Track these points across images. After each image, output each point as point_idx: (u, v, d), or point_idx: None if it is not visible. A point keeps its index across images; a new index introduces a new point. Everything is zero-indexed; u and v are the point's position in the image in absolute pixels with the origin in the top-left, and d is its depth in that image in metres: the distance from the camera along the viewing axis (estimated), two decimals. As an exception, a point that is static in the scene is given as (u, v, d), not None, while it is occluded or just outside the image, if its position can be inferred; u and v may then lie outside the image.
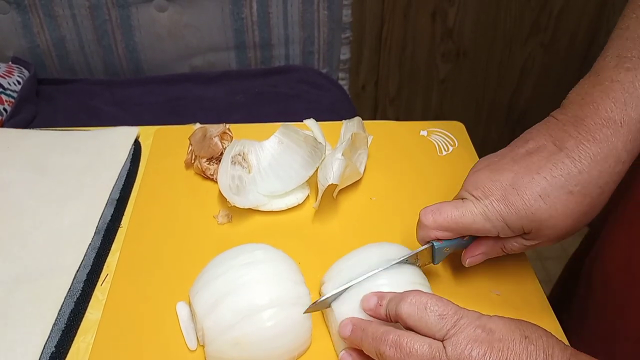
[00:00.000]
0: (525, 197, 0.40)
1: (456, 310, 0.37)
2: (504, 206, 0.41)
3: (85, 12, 0.97)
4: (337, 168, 0.54)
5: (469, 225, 0.42)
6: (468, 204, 0.42)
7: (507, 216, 0.41)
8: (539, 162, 0.41)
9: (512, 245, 0.43)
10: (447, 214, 0.43)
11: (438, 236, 0.44)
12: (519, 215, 0.40)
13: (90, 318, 0.48)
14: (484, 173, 0.43)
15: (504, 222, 0.41)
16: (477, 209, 0.42)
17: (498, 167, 0.42)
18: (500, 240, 0.44)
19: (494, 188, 0.41)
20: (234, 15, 1.01)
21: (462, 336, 0.35)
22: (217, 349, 0.42)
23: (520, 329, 0.36)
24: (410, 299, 0.38)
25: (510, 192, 0.40)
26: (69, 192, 0.60)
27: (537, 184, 0.40)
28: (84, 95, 0.98)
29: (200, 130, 0.62)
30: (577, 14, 1.29)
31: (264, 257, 0.45)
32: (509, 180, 0.41)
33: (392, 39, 1.29)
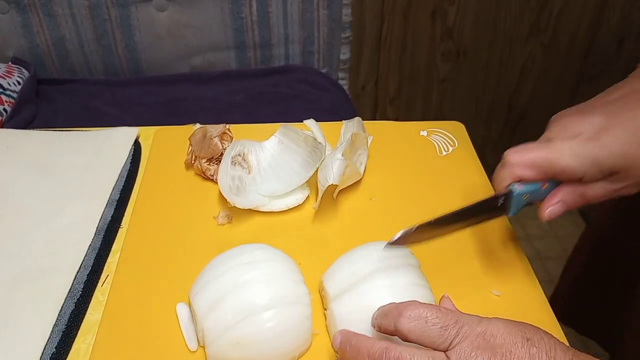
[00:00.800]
0: (617, 135, 0.40)
1: (457, 319, 0.37)
2: (595, 144, 0.40)
3: (84, 12, 0.97)
4: (337, 168, 0.54)
5: (556, 162, 0.41)
6: (556, 142, 0.42)
7: (598, 153, 0.40)
8: (630, 102, 0.41)
9: (594, 191, 0.43)
10: (533, 152, 0.42)
11: (523, 175, 0.43)
12: (611, 153, 0.40)
13: (91, 319, 0.48)
14: (573, 115, 0.42)
15: (595, 160, 0.40)
16: (566, 147, 0.41)
17: (587, 110, 0.42)
18: (581, 186, 0.43)
19: (586, 127, 0.41)
20: (234, 15, 1.01)
21: (465, 345, 0.35)
22: (217, 349, 0.42)
23: (521, 332, 0.36)
24: (408, 314, 0.37)
25: (602, 131, 0.40)
26: (69, 192, 0.60)
27: (631, 121, 0.40)
28: (83, 95, 0.98)
29: (200, 131, 0.62)
30: (577, 14, 1.29)
31: (264, 257, 0.45)
32: (601, 120, 0.41)
33: (392, 39, 1.29)
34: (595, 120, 0.41)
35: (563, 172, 0.42)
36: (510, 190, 0.43)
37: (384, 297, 0.42)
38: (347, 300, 0.43)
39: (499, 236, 0.55)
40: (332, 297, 0.45)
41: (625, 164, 0.40)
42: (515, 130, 1.48)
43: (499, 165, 0.45)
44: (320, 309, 0.47)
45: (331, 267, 0.47)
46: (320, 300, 0.48)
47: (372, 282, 0.44)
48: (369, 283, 0.43)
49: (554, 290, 0.82)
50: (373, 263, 0.45)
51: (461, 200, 0.59)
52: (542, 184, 0.43)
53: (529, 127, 1.47)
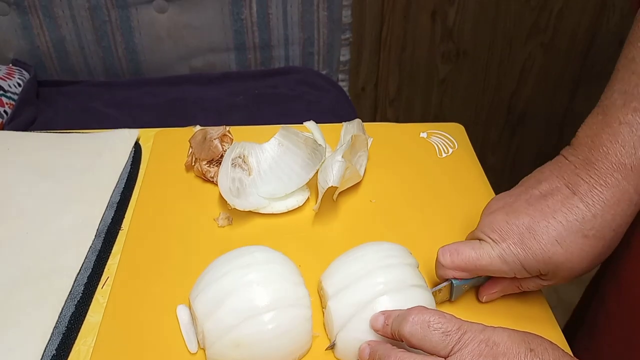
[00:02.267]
0: (542, 242, 0.41)
1: (459, 325, 0.37)
2: (521, 250, 0.42)
3: (85, 13, 0.97)
4: (337, 170, 0.54)
5: (486, 267, 0.43)
6: (485, 246, 0.43)
7: (524, 259, 0.42)
8: (553, 205, 0.41)
9: (528, 284, 0.45)
10: (464, 255, 0.44)
11: (456, 276, 0.45)
12: (536, 259, 0.41)
13: (91, 321, 0.48)
14: (499, 215, 0.43)
15: (521, 265, 0.42)
16: (494, 252, 0.43)
17: (513, 210, 0.43)
18: (516, 280, 0.45)
19: (511, 231, 0.42)
20: (234, 16, 1.01)
21: (466, 351, 0.35)
22: (217, 351, 0.42)
23: (525, 342, 0.36)
24: (412, 318, 0.37)
25: (527, 236, 0.41)
26: (70, 194, 0.60)
27: (554, 229, 0.41)
28: (84, 97, 0.98)
29: (200, 133, 0.62)
30: (577, 14, 1.29)
31: (264, 259, 0.45)
32: (525, 224, 0.42)
33: (391, 40, 1.29)
34: (520, 224, 0.42)
35: (495, 274, 0.44)
36: (451, 282, 0.46)
37: (381, 295, 0.43)
38: (345, 298, 0.44)
39: (499, 238, 0.55)
40: (330, 296, 0.45)
41: (550, 268, 0.42)
42: (515, 131, 1.48)
43: (435, 261, 0.46)
44: (320, 311, 0.47)
45: (330, 267, 0.47)
46: (320, 301, 0.48)
47: (370, 280, 0.44)
48: (367, 281, 0.44)
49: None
50: (371, 263, 0.45)
51: (461, 201, 0.59)
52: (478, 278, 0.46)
53: (528, 128, 1.47)
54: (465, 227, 0.55)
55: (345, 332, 0.43)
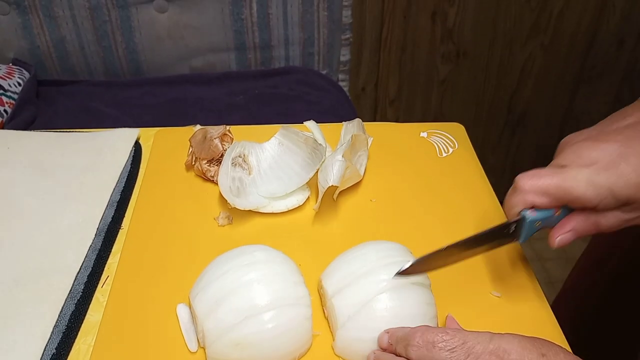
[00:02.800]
0: (636, 165, 0.39)
1: (464, 340, 0.36)
2: (611, 174, 0.39)
3: (85, 13, 0.97)
4: (337, 170, 0.54)
5: (571, 190, 0.40)
6: (570, 170, 0.41)
7: (614, 184, 0.39)
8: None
9: (608, 220, 0.42)
10: (547, 178, 0.41)
11: (535, 202, 0.42)
12: (628, 184, 0.39)
13: (91, 320, 0.48)
14: (586, 143, 0.41)
15: (609, 190, 0.39)
16: (581, 175, 0.40)
17: (602, 137, 0.41)
18: (594, 215, 0.42)
19: (601, 155, 0.40)
20: (234, 16, 1.01)
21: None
22: (217, 350, 0.42)
23: (536, 347, 0.35)
24: (417, 342, 0.37)
25: (618, 160, 0.39)
26: (70, 193, 0.60)
27: None
28: (84, 96, 0.98)
29: (200, 132, 0.62)
30: (577, 14, 1.29)
31: (264, 258, 0.45)
32: (616, 149, 0.40)
33: (392, 40, 1.29)
34: (610, 148, 0.40)
35: (577, 201, 0.41)
36: (523, 217, 0.42)
37: (382, 292, 0.43)
38: (348, 295, 0.44)
39: (499, 237, 0.55)
40: (330, 294, 0.45)
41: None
42: (515, 131, 1.48)
43: (510, 190, 0.43)
44: (321, 310, 0.47)
45: (330, 265, 0.47)
46: (320, 300, 0.48)
47: (372, 277, 0.44)
48: (370, 278, 0.44)
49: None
50: (372, 262, 0.45)
51: (461, 201, 0.59)
52: (555, 210, 0.42)
53: (529, 127, 1.47)
54: (466, 227, 0.55)
55: (346, 330, 0.43)
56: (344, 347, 0.43)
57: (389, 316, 0.42)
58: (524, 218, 0.42)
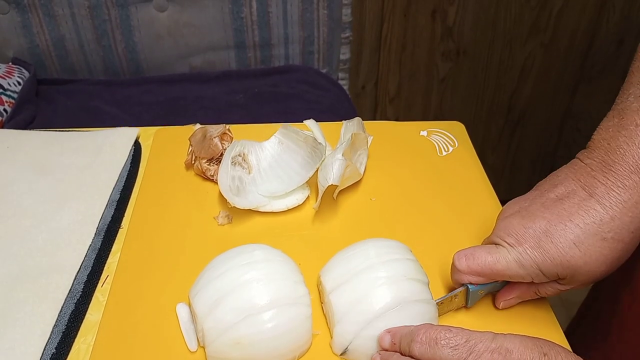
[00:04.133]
0: (559, 245, 0.40)
1: (468, 337, 0.37)
2: (538, 254, 0.41)
3: (84, 12, 0.97)
4: (337, 169, 0.54)
5: (503, 272, 0.42)
6: (502, 250, 0.43)
7: (541, 263, 0.41)
8: (570, 208, 0.41)
9: (546, 290, 0.44)
10: (480, 260, 0.43)
11: (471, 281, 0.44)
12: (554, 263, 0.40)
13: (91, 319, 0.48)
14: (515, 219, 0.43)
15: (538, 269, 0.41)
16: (511, 256, 0.42)
17: (529, 214, 0.42)
18: (534, 285, 0.44)
19: (527, 235, 0.41)
20: (234, 15, 1.01)
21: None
22: (217, 349, 0.42)
23: (538, 347, 0.36)
24: (420, 338, 0.38)
25: (544, 239, 0.41)
26: (69, 192, 0.60)
27: (571, 232, 0.40)
28: (83, 95, 0.98)
29: (200, 131, 0.62)
30: (577, 14, 1.29)
31: (263, 257, 0.45)
32: (542, 228, 0.41)
33: (392, 39, 1.29)
34: (537, 227, 0.41)
35: (511, 278, 0.43)
36: (467, 288, 0.45)
37: (382, 288, 0.43)
38: (346, 291, 0.44)
39: (499, 236, 0.55)
40: (328, 290, 0.45)
41: (569, 272, 0.41)
42: (515, 130, 1.48)
43: (451, 266, 0.46)
44: (321, 309, 0.47)
45: (329, 262, 0.47)
46: (319, 298, 0.48)
47: (370, 274, 0.44)
48: (368, 275, 0.44)
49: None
50: (371, 259, 0.45)
51: (460, 200, 0.59)
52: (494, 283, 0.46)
53: (528, 127, 1.47)
54: (466, 226, 0.55)
55: (344, 325, 0.43)
56: (341, 343, 0.43)
57: (386, 312, 0.42)
58: (468, 289, 0.45)
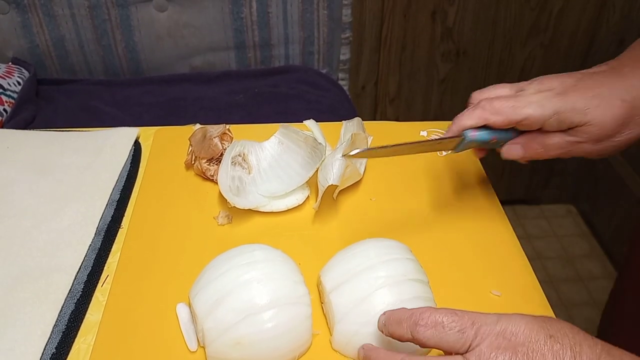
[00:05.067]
0: (584, 94, 0.46)
1: (473, 320, 0.36)
2: (561, 98, 0.46)
3: (84, 12, 0.97)
4: (337, 169, 0.54)
5: (522, 109, 0.47)
6: (526, 94, 0.48)
7: (562, 107, 0.46)
8: (601, 75, 0.48)
9: (553, 141, 0.48)
10: (502, 101, 0.48)
11: (490, 119, 0.48)
12: (574, 108, 0.45)
13: (91, 319, 0.48)
14: (552, 77, 0.48)
15: (557, 112, 0.46)
16: (534, 99, 0.47)
17: (567, 75, 0.48)
18: (540, 135, 0.48)
19: (558, 84, 0.47)
20: (234, 15, 1.01)
21: (484, 346, 0.35)
22: (217, 349, 0.42)
23: (544, 328, 0.35)
24: (424, 322, 0.37)
25: (571, 89, 0.46)
26: (69, 192, 0.60)
27: (598, 87, 0.46)
28: (83, 95, 0.98)
29: (200, 131, 0.62)
30: (577, 14, 1.29)
31: (263, 258, 0.45)
32: (573, 81, 0.47)
33: (392, 39, 1.29)
34: (568, 80, 0.47)
35: (526, 120, 0.47)
36: (464, 136, 0.49)
37: (382, 288, 0.43)
38: (346, 291, 0.44)
39: (499, 236, 0.55)
40: (328, 290, 0.45)
41: (584, 120, 0.46)
42: (515, 130, 1.48)
43: (470, 105, 0.51)
44: (320, 309, 0.47)
45: (329, 262, 0.47)
46: (319, 298, 0.48)
47: (370, 273, 0.44)
48: (368, 275, 0.44)
49: None
50: (371, 258, 0.45)
51: (460, 200, 0.59)
52: (492, 137, 0.49)
53: (529, 127, 1.47)
54: (465, 225, 0.55)
55: (344, 325, 0.43)
56: (341, 342, 0.44)
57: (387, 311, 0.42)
58: (464, 137, 0.49)
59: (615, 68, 0.48)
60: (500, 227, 0.56)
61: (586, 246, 1.56)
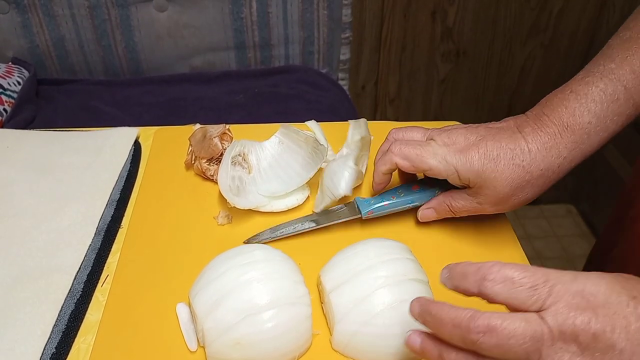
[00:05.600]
0: (482, 155, 0.48)
1: (546, 277, 0.33)
2: (461, 157, 0.48)
3: (84, 12, 0.97)
4: (349, 178, 0.53)
5: (427, 161, 0.50)
6: (434, 145, 0.50)
7: (460, 166, 0.48)
8: (501, 135, 0.49)
9: (457, 203, 0.51)
10: (411, 149, 0.50)
11: (399, 164, 0.51)
12: (470, 168, 0.48)
13: (91, 319, 0.48)
14: (459, 130, 0.51)
15: (456, 169, 0.49)
16: (439, 151, 0.49)
17: (473, 130, 0.51)
18: (448, 198, 0.52)
19: (461, 140, 0.50)
20: (234, 15, 1.01)
21: (561, 305, 0.32)
22: (217, 349, 0.42)
23: (626, 289, 0.32)
24: (493, 277, 0.34)
25: (472, 148, 0.49)
26: (69, 192, 0.60)
27: (496, 149, 0.48)
28: (83, 95, 0.98)
29: (200, 131, 0.62)
30: (577, 14, 1.29)
31: (263, 258, 0.45)
32: (475, 139, 0.49)
33: (392, 39, 1.29)
34: (471, 138, 0.49)
35: (430, 170, 0.50)
36: (355, 201, 0.55)
37: (382, 288, 0.43)
38: (346, 291, 0.44)
39: (499, 236, 0.55)
40: (328, 290, 0.45)
41: (479, 182, 0.48)
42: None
43: (385, 145, 0.54)
44: (320, 309, 0.47)
45: (329, 262, 0.47)
46: (319, 298, 0.48)
47: (370, 273, 0.44)
48: (368, 275, 0.44)
49: None
50: (371, 258, 0.45)
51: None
52: (385, 202, 0.54)
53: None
54: (465, 225, 0.55)
55: (344, 325, 0.43)
56: (341, 342, 0.44)
57: (387, 311, 0.42)
58: (355, 201, 0.55)
59: (520, 126, 0.49)
60: (500, 227, 0.56)
61: (586, 246, 1.56)
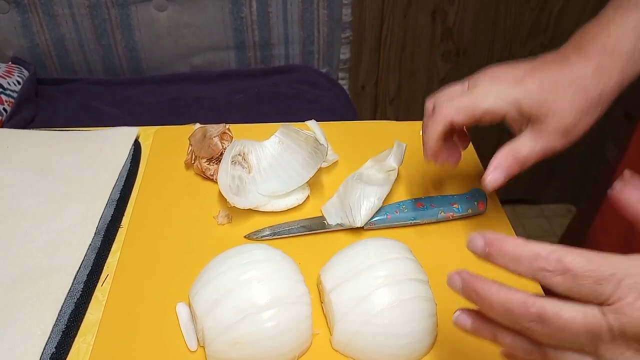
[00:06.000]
0: (540, 81, 0.45)
1: (613, 269, 0.29)
2: (518, 87, 0.45)
3: (84, 11, 0.97)
4: (367, 209, 0.53)
5: (481, 104, 0.46)
6: (481, 88, 0.47)
7: (519, 96, 0.45)
8: (550, 65, 0.47)
9: (524, 148, 0.46)
10: (460, 100, 0.47)
11: (454, 119, 0.47)
12: (532, 97, 0.45)
13: (91, 319, 0.48)
14: (500, 69, 0.47)
15: (516, 101, 0.45)
16: (491, 91, 0.46)
17: (514, 66, 0.47)
18: (509, 144, 0.47)
19: (511, 74, 0.46)
20: (234, 15, 1.01)
21: (626, 302, 0.29)
22: (217, 349, 0.42)
23: None
24: (552, 267, 0.31)
25: (527, 76, 0.46)
26: (69, 192, 0.59)
27: (551, 77, 0.45)
28: (83, 95, 0.98)
29: (200, 131, 0.62)
30: (577, 14, 1.29)
31: (263, 257, 0.45)
32: (526, 69, 0.46)
33: (392, 39, 1.29)
34: (521, 69, 0.47)
35: (488, 112, 0.46)
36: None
37: (382, 288, 0.43)
38: (346, 290, 0.44)
39: (499, 236, 0.55)
40: (328, 289, 0.45)
41: (543, 110, 0.45)
42: (515, 130, 1.48)
43: (429, 114, 0.49)
44: (320, 309, 0.47)
45: (329, 261, 0.47)
46: (319, 298, 0.48)
47: (370, 273, 0.44)
48: (368, 274, 0.44)
49: None
50: (371, 258, 0.45)
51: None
52: (387, 215, 0.54)
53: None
54: (465, 225, 0.55)
55: (344, 324, 0.43)
56: (341, 342, 0.44)
57: (387, 311, 0.42)
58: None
59: (564, 55, 0.47)
60: (501, 227, 0.56)
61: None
